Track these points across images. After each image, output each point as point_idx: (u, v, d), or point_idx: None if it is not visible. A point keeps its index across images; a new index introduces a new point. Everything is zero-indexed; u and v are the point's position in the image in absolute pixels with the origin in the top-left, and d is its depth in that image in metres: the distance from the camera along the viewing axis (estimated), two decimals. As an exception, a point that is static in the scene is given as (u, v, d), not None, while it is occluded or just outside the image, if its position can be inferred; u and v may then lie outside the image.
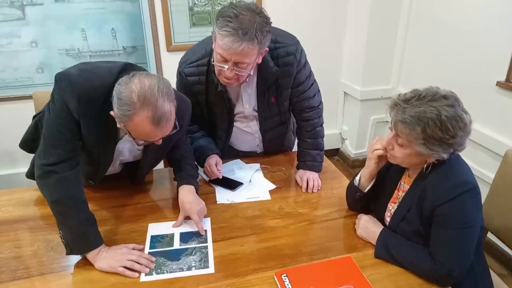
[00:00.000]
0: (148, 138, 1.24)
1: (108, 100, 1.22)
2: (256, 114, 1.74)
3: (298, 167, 1.76)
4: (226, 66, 1.40)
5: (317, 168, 1.73)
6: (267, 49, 1.47)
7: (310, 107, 1.73)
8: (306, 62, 1.67)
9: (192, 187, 1.49)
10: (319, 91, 1.77)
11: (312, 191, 1.65)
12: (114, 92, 1.18)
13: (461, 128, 1.12)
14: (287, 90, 1.66)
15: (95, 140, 1.32)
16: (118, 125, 1.26)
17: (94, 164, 1.43)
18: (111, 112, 1.21)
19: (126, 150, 1.47)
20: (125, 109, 1.15)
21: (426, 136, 1.12)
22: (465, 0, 2.44)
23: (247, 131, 1.81)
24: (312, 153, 1.74)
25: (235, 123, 1.77)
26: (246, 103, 1.69)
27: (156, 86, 1.15)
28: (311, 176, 1.69)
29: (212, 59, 1.49)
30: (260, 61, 1.48)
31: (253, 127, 1.80)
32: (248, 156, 1.92)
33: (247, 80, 1.53)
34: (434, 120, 1.10)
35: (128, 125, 1.19)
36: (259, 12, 1.36)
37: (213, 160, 1.68)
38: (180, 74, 1.63)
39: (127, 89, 1.15)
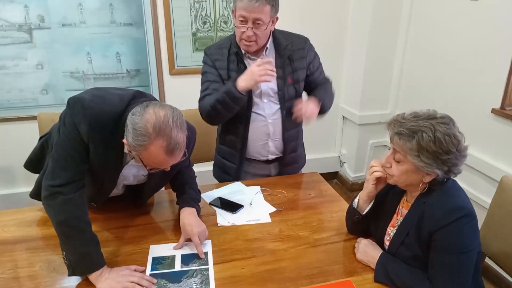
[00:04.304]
0: (160, 166, 1.27)
1: (117, 126, 1.26)
2: (270, 92, 1.83)
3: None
4: (247, 26, 1.66)
5: (325, 102, 1.81)
6: (278, 17, 1.74)
7: (325, 79, 1.96)
8: (317, 54, 1.92)
9: (194, 209, 1.51)
10: None
11: (297, 119, 1.73)
12: (128, 122, 1.22)
13: (455, 144, 1.16)
14: (302, 70, 1.85)
15: (101, 164, 1.35)
16: (125, 151, 1.29)
17: (98, 186, 1.45)
18: (124, 140, 1.25)
19: (130, 175, 1.50)
20: (140, 139, 1.19)
21: (420, 148, 1.17)
22: (461, 29, 2.53)
23: (260, 114, 1.84)
24: (323, 94, 1.84)
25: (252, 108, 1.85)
26: None
27: (170, 117, 1.20)
28: (310, 105, 1.73)
29: (232, 47, 1.79)
30: (273, 28, 1.77)
31: (267, 109, 1.85)
32: (257, 175, 1.99)
33: (265, 52, 1.80)
34: (429, 133, 1.16)
35: (142, 154, 1.22)
36: None
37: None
38: (206, 54, 1.86)
39: (142, 119, 1.19)
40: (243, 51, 1.79)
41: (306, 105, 1.71)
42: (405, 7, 2.97)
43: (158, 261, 1.37)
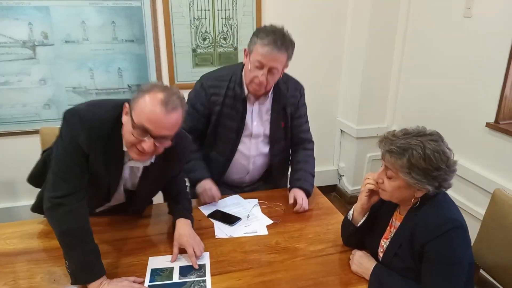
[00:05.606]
0: (149, 122, 1.24)
1: (114, 131, 1.32)
2: (261, 135, 1.92)
3: (291, 187, 1.90)
4: (262, 72, 1.67)
5: (308, 189, 1.86)
6: (288, 65, 1.76)
7: (309, 140, 2.03)
8: (305, 104, 1.98)
9: (189, 221, 1.55)
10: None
11: (298, 211, 1.79)
12: (136, 95, 1.28)
13: (444, 161, 1.20)
14: (290, 117, 1.93)
15: (102, 168, 1.39)
16: (124, 149, 1.35)
17: (103, 191, 1.49)
18: (125, 104, 1.31)
19: (126, 175, 1.52)
20: (142, 89, 1.26)
21: (410, 165, 1.20)
22: (455, 44, 2.58)
23: (244, 153, 1.92)
24: (306, 175, 1.90)
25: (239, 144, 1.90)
26: (255, 120, 1.88)
27: (175, 89, 1.29)
28: (302, 200, 1.80)
29: (233, 78, 1.79)
30: (281, 75, 1.77)
31: (253, 150, 1.93)
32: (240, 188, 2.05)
33: (268, 96, 1.84)
34: (418, 151, 1.20)
35: (138, 102, 1.25)
36: (287, 32, 1.71)
37: (210, 182, 1.84)
38: (202, 85, 1.83)
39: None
40: (246, 92, 1.80)
41: (298, 199, 1.80)
42: (400, 24, 3.04)
43: (156, 273, 1.40)
